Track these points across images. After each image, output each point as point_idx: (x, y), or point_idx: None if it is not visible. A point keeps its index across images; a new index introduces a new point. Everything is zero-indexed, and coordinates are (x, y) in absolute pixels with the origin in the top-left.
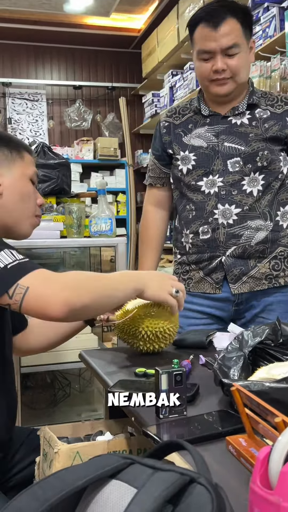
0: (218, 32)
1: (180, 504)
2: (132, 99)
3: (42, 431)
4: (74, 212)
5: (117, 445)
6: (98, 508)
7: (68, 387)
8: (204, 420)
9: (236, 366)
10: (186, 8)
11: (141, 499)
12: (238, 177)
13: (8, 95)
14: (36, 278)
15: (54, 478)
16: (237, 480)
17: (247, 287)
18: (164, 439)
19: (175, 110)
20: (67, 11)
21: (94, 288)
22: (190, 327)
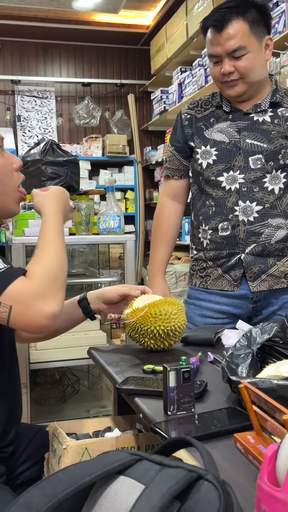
0: (222, 36)
1: (187, 500)
2: (140, 96)
3: (51, 427)
4: (82, 209)
5: (125, 441)
6: (106, 504)
7: (77, 383)
8: (212, 417)
9: (244, 364)
10: (195, 4)
11: (149, 495)
12: (259, 174)
13: (17, 92)
14: (17, 297)
15: (63, 473)
16: (245, 477)
17: (266, 285)
18: (172, 436)
19: (197, 103)
20: (75, 8)
21: (63, 275)
22: (207, 325)
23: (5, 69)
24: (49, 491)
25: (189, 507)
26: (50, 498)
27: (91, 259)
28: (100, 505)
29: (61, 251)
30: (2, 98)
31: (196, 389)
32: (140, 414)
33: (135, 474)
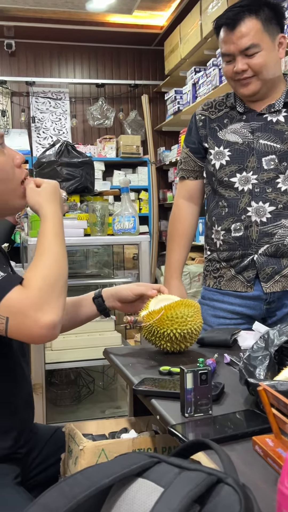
0: (235, 34)
1: (207, 504)
2: (154, 96)
3: (67, 427)
4: (97, 210)
5: (142, 443)
6: (124, 506)
7: (92, 384)
8: (230, 420)
9: (262, 366)
10: (209, 4)
11: (168, 498)
12: (273, 175)
13: (31, 94)
14: (13, 307)
15: (81, 475)
16: (264, 480)
17: (280, 286)
18: (190, 438)
19: (211, 104)
20: (89, 10)
21: (62, 281)
22: (220, 326)
23: (19, 70)
24: (68, 493)
25: (209, 510)
26: (69, 500)
27: (105, 259)
28: (119, 507)
29: (61, 255)
30: (17, 100)
31: (214, 391)
32: (157, 415)
33: (154, 477)
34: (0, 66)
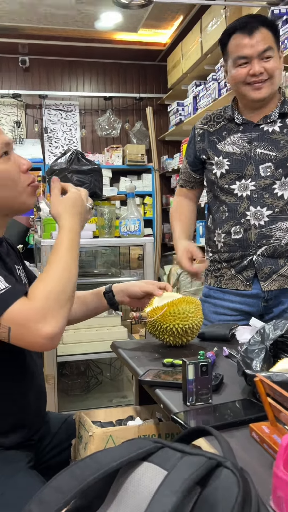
0: (253, 38)
1: (208, 486)
2: (158, 108)
3: (77, 415)
4: (105, 214)
5: (147, 429)
6: (131, 488)
7: (100, 375)
8: (229, 408)
9: (258, 358)
10: (209, 23)
11: (171, 481)
12: (269, 181)
13: (44, 106)
14: (15, 317)
15: (91, 459)
16: (261, 465)
17: (277, 285)
18: (191, 425)
19: (210, 118)
20: (98, 28)
21: (67, 296)
22: (221, 322)
23: (33, 85)
24: (78, 475)
25: (209, 492)
26: (79, 482)
27: (112, 259)
28: (126, 488)
29: (68, 269)
30: (30, 112)
31: (213, 381)
32: (161, 404)
33: (158, 461)
34: (15, 81)
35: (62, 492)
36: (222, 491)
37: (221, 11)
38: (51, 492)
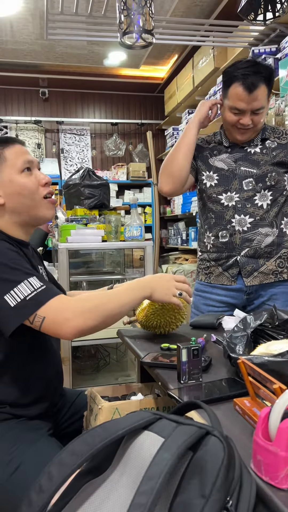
0: (252, 96)
1: (198, 451)
2: (156, 132)
3: (88, 391)
4: (112, 222)
5: (147, 403)
6: (134, 453)
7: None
8: (216, 385)
9: (241, 343)
10: (199, 61)
11: (168, 446)
12: (251, 194)
13: (61, 131)
14: (51, 309)
15: (100, 428)
16: (243, 433)
17: (258, 281)
18: (185, 400)
19: (203, 140)
20: (106, 65)
21: (105, 314)
22: (210, 312)
23: (51, 112)
24: (90, 442)
25: (200, 456)
26: (90, 447)
27: (118, 260)
28: (129, 453)
29: (113, 313)
30: (49, 136)
31: (203, 363)
32: (159, 382)
33: (157, 429)
34: (37, 109)
35: (77, 455)
36: (210, 455)
37: (209, 51)
38: (67, 456)
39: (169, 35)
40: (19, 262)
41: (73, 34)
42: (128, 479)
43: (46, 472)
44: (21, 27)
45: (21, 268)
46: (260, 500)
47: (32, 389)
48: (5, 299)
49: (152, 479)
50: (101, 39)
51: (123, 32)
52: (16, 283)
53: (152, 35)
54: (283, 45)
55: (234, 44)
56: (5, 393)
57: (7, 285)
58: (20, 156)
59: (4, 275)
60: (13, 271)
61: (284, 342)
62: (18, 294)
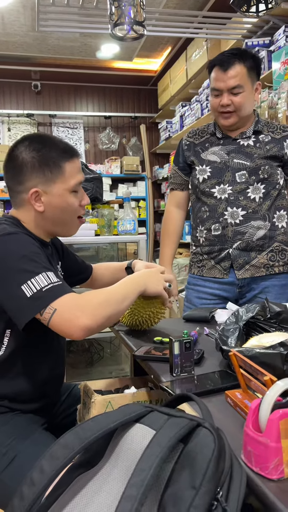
0: (226, 74)
1: (189, 443)
2: (150, 126)
3: (82, 385)
4: (105, 216)
5: (140, 396)
6: (126, 445)
7: (102, 351)
8: (208, 378)
9: (233, 336)
10: (192, 53)
11: (159, 439)
12: (244, 186)
13: (53, 124)
14: (64, 303)
15: (92, 421)
16: (234, 425)
17: (249, 274)
18: (177, 392)
19: (195, 132)
20: (99, 57)
21: (109, 310)
22: (203, 305)
23: (44, 106)
24: (81, 435)
25: (191, 448)
26: (82, 440)
27: (112, 254)
28: (121, 446)
29: (122, 297)
30: (42, 129)
31: (195, 356)
32: (151, 375)
33: (148, 422)
34: (29, 102)
35: (68, 448)
36: (201, 447)
37: (203, 43)
38: (59, 449)
39: (162, 27)
40: (39, 256)
41: (65, 26)
42: (119, 471)
43: (37, 466)
44: (13, 19)
45: (40, 262)
46: (250, 491)
47: (33, 386)
48: (22, 289)
49: (143, 472)
50: (93, 31)
51: (114, 23)
52: (34, 274)
53: (144, 26)
54: (276, 38)
55: (228, 37)
56: (7, 388)
57: (25, 276)
58: (76, 174)
59: (23, 266)
60: (32, 263)
61: (276, 335)
62: (35, 284)
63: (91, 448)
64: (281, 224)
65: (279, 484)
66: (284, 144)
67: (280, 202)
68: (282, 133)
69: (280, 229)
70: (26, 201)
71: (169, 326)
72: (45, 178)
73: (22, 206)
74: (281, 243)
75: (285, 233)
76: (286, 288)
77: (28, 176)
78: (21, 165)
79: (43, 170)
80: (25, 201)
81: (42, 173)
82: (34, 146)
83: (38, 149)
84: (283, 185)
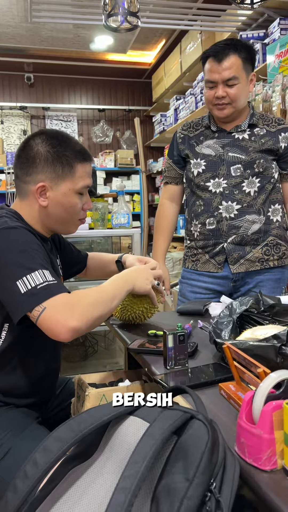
0: (221, 66)
1: (183, 435)
2: (144, 119)
3: (76, 378)
4: (99, 209)
5: (134, 389)
6: (119, 438)
7: (96, 345)
8: (202, 371)
9: (226, 329)
10: (187, 46)
11: (153, 431)
12: (239, 180)
13: (47, 117)
14: (55, 303)
15: (86, 414)
16: (227, 417)
17: (244, 268)
18: (170, 385)
19: (190, 125)
20: (92, 49)
21: (99, 310)
22: (197, 299)
23: (37, 98)
24: (75, 428)
25: (184, 440)
26: (76, 433)
27: (106, 248)
28: (115, 438)
29: (111, 297)
30: (35, 122)
31: (189, 348)
32: (145, 368)
33: (142, 415)
34: (22, 95)
35: (62, 441)
36: (194, 439)
37: (197, 36)
38: (52, 442)
39: (156, 19)
40: (38, 253)
41: (58, 17)
42: (113, 464)
43: (31, 459)
44: (5, 10)
45: (38, 258)
46: (244, 482)
47: (29, 381)
48: (17, 284)
49: (136, 464)
50: (87, 22)
51: (108, 14)
52: (30, 270)
53: (138, 17)
54: (271, 30)
55: (222, 29)
56: (3, 381)
57: (22, 271)
58: (85, 178)
59: (21, 260)
60: (30, 259)
61: (270, 327)
62: (30, 281)
63: (85, 441)
64: (276, 218)
65: (272, 475)
66: (279, 137)
67: (275, 196)
68: (277, 126)
69: (275, 223)
70: (31, 194)
71: (163, 320)
72: (55, 174)
73: (26, 197)
74: (276, 237)
75: (280, 227)
76: (280, 282)
77: (40, 168)
78: (34, 156)
79: (54, 166)
80: (30, 193)
81: (53, 168)
82: (51, 141)
83: (55, 145)
84: (278, 179)
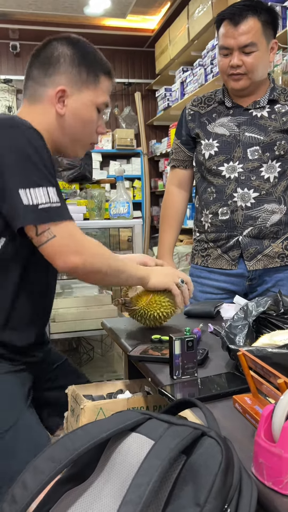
0: (238, 30)
1: (193, 454)
2: (146, 93)
3: (69, 389)
4: (95, 197)
5: (136, 402)
6: (120, 457)
7: (92, 351)
8: (213, 381)
9: (241, 334)
10: (195, 9)
11: (158, 450)
12: (257, 164)
13: None
14: (66, 234)
15: (82, 430)
16: (243, 434)
17: (261, 264)
18: (178, 398)
19: (201, 100)
20: (87, 14)
21: (104, 266)
22: (207, 300)
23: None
24: (69, 446)
25: (194, 460)
26: (70, 452)
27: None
28: (115, 458)
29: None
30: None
31: (199, 356)
32: (149, 378)
33: (145, 431)
34: (6, 66)
35: (55, 461)
36: (206, 459)
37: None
38: (43, 462)
39: None
40: (48, 167)
41: None
42: (113, 487)
43: (19, 480)
44: None
45: (47, 174)
46: (261, 507)
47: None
48: (19, 193)
49: (140, 487)
50: None
51: None
52: (36, 184)
53: None
54: None
55: None
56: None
57: (27, 182)
58: (107, 94)
59: (28, 171)
60: (38, 172)
61: None
62: (33, 196)
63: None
64: None
65: None
66: None
67: None
68: None
69: None
70: (48, 99)
71: (168, 323)
72: (80, 79)
73: (39, 102)
74: None
75: None
76: None
77: (62, 70)
78: (58, 56)
79: (80, 70)
80: (46, 98)
81: (78, 72)
82: (78, 45)
83: (82, 49)
84: None
